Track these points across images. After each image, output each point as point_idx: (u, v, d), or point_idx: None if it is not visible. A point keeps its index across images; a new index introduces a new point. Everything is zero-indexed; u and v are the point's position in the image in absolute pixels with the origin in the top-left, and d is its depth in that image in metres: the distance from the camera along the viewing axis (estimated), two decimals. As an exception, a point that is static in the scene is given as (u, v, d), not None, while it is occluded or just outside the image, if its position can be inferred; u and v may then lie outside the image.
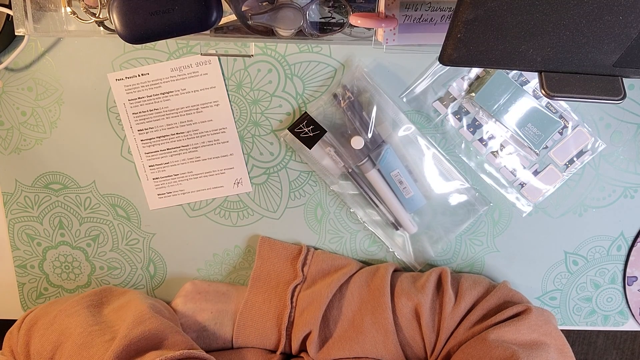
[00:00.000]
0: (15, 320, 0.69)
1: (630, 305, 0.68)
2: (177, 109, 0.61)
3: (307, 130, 0.59)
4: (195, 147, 0.62)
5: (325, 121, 0.60)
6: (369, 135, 0.59)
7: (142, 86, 0.60)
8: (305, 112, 0.60)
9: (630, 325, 0.69)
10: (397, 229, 0.64)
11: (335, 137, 0.61)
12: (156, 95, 0.60)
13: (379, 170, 0.61)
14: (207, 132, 0.62)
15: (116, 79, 0.60)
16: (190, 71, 0.59)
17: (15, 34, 0.53)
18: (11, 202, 0.65)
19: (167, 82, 0.60)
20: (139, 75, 0.60)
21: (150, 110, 0.61)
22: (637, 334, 1.46)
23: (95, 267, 0.67)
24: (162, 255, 0.67)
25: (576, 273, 0.67)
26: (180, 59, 0.59)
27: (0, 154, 0.63)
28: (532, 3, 0.37)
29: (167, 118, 0.61)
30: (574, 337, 1.44)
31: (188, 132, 0.62)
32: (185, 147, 0.62)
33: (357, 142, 0.59)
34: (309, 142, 0.60)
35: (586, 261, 0.67)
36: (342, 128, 0.61)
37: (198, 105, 0.61)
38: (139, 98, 0.60)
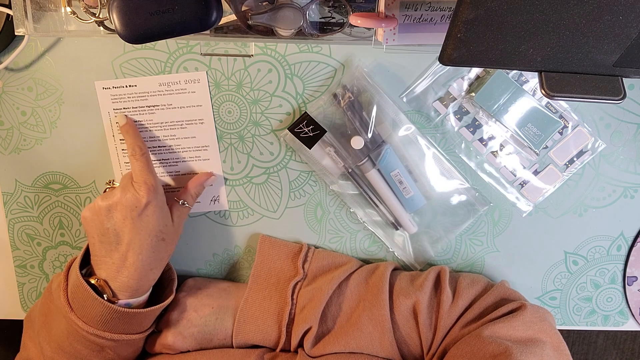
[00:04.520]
0: (15, 321, 0.69)
1: (630, 305, 0.68)
2: (161, 123, 0.61)
3: (307, 130, 0.59)
4: (176, 162, 0.63)
5: (325, 121, 0.60)
6: (369, 135, 0.59)
7: (128, 97, 0.60)
8: (305, 112, 0.60)
9: (630, 325, 0.69)
10: (397, 229, 0.64)
11: (335, 137, 0.61)
12: (142, 107, 0.60)
13: (379, 170, 0.61)
14: (189, 148, 0.62)
15: (103, 87, 0.60)
16: (178, 87, 0.60)
17: (15, 34, 0.53)
18: (11, 202, 0.65)
19: (154, 95, 0.60)
20: (126, 86, 0.60)
21: (134, 122, 0.61)
22: (637, 334, 1.46)
23: (95, 267, 0.67)
24: (162, 255, 0.67)
25: (576, 273, 0.67)
26: (170, 74, 0.59)
27: (0, 154, 0.63)
28: (532, 3, 0.37)
29: (150, 131, 0.61)
30: (574, 337, 1.44)
31: (170, 146, 0.62)
32: (165, 161, 0.63)
33: (357, 142, 0.59)
34: (309, 142, 0.60)
35: (586, 261, 0.67)
36: (342, 128, 0.61)
37: (183, 121, 0.61)
38: (124, 108, 0.61)
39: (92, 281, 0.54)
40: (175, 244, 0.59)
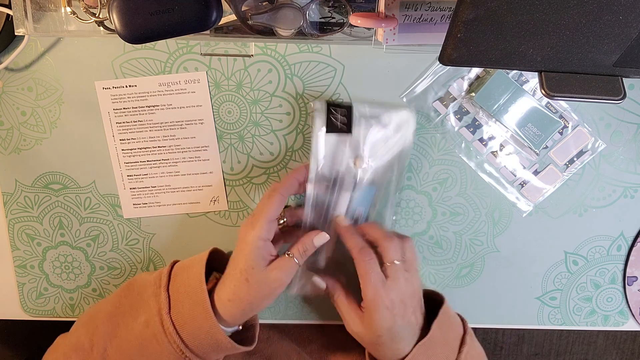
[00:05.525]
0: (15, 321, 0.69)
1: (630, 305, 0.68)
2: (161, 123, 0.61)
3: (338, 117, 0.57)
4: (176, 162, 0.63)
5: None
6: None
7: (128, 97, 0.60)
8: (350, 105, 0.57)
9: (630, 325, 0.69)
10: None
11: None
12: (142, 107, 0.61)
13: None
14: (189, 148, 0.62)
15: (103, 88, 0.60)
16: (178, 87, 0.60)
17: (15, 34, 0.53)
18: (11, 202, 0.65)
19: (154, 95, 0.60)
20: (126, 86, 0.60)
21: (134, 122, 0.61)
22: (637, 334, 1.46)
23: (95, 267, 0.67)
24: (162, 256, 0.67)
25: (576, 273, 0.67)
26: (170, 74, 0.59)
27: (0, 154, 0.63)
28: (532, 3, 0.37)
29: (150, 131, 0.61)
30: (574, 337, 1.44)
31: (170, 146, 0.62)
32: (165, 161, 0.63)
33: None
34: (330, 127, 0.57)
35: (586, 261, 0.67)
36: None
37: (182, 121, 0.61)
38: (124, 108, 0.61)
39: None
40: (261, 297, 0.55)
